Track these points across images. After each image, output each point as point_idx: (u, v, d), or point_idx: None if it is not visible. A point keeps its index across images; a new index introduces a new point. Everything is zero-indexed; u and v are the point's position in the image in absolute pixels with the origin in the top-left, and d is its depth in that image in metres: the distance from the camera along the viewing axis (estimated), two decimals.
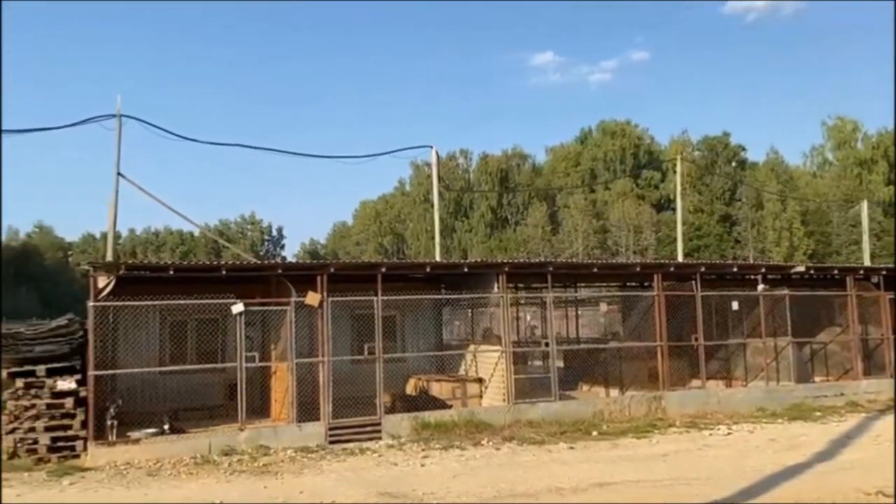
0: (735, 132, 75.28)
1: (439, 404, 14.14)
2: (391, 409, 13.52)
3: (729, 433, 13.48)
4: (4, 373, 11.52)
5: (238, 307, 12.37)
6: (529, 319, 27.69)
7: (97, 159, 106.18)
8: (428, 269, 14.45)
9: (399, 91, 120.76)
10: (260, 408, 13.53)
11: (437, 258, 21.16)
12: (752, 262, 40.52)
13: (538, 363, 20.51)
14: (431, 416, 13.36)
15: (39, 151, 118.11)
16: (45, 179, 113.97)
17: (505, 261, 14.98)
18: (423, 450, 11.87)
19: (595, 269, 16.20)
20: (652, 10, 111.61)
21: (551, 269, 15.02)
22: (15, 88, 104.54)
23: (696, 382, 16.44)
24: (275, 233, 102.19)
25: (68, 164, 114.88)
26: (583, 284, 20.91)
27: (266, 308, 13.28)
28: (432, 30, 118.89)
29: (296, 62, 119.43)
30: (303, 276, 13.14)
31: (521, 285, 20.07)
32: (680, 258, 27.96)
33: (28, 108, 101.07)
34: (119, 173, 14.97)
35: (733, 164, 73.23)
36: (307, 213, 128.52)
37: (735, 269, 18.05)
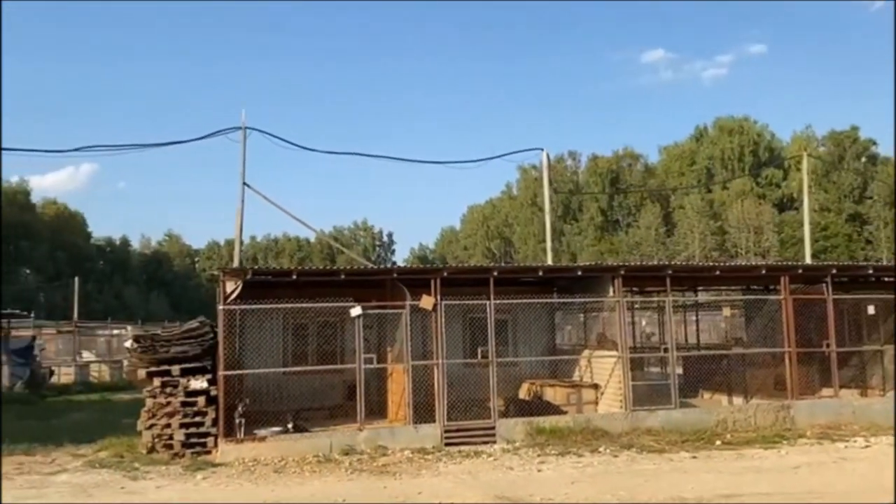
0: (864, 126, 70.57)
1: (554, 410, 13.98)
2: (505, 414, 13.48)
3: (867, 446, 12.59)
4: (143, 372, 12.32)
5: (356, 310, 12.70)
6: (644, 324, 26.94)
7: (221, 170, 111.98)
8: (540, 273, 14.34)
9: (506, 94, 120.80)
10: (377, 408, 13.82)
11: (549, 262, 21.00)
12: (885, 263, 37.78)
13: (654, 369, 19.91)
14: (546, 421, 13.22)
15: (170, 163, 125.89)
16: (175, 190, 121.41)
17: (620, 263, 14.65)
18: (538, 455, 11.77)
19: (717, 272, 15.57)
20: (767, 1, 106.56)
21: (670, 271, 14.53)
22: (148, 103, 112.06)
23: (826, 391, 15.46)
24: (385, 238, 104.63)
25: (195, 174, 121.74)
26: (701, 288, 20.14)
27: (382, 311, 13.58)
28: (538, 31, 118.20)
29: (404, 67, 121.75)
30: (416, 280, 13.35)
31: (635, 289, 19.55)
32: (807, 259, 26.44)
33: (160, 122, 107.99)
34: (245, 183, 15.73)
35: (863, 159, 68.63)
36: (416, 218, 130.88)
37: (870, 272, 16.86)
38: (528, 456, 11.73)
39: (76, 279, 41.55)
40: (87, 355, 34.36)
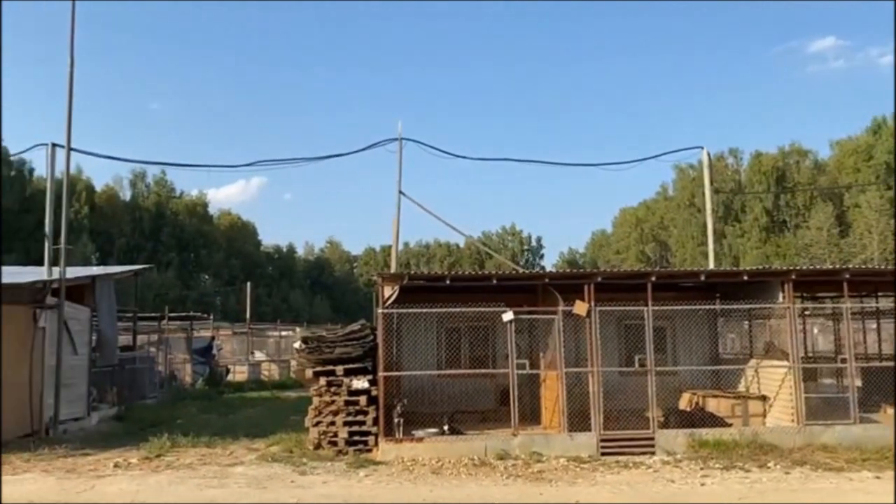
0: None
1: (717, 422, 13.30)
2: (664, 424, 13.00)
3: None
4: (310, 371, 13.04)
5: (508, 315, 12.75)
6: (816, 332, 25.04)
7: (377, 178, 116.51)
8: (702, 278, 13.70)
9: (661, 92, 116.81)
10: (530, 414, 13.77)
11: (711, 266, 20.02)
12: None
13: (828, 381, 18.45)
14: (709, 433, 12.60)
15: (330, 174, 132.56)
16: (335, 199, 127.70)
17: (790, 268, 13.69)
18: (701, 468, 11.23)
19: None
20: None
21: (847, 276, 13.41)
22: (310, 118, 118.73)
23: None
24: (534, 243, 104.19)
25: (353, 184, 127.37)
26: (881, 293, 18.41)
27: (534, 316, 13.54)
28: (692, 25, 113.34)
29: (551, 69, 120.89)
30: (569, 285, 13.18)
31: (805, 294, 18.20)
32: None
33: (320, 135, 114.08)
34: (401, 192, 16.28)
35: None
36: (566, 222, 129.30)
37: None
38: (690, 469, 11.24)
39: (248, 284, 44.64)
40: (258, 355, 36.90)
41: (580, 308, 12.78)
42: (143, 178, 78.47)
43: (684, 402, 14.68)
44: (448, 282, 13.07)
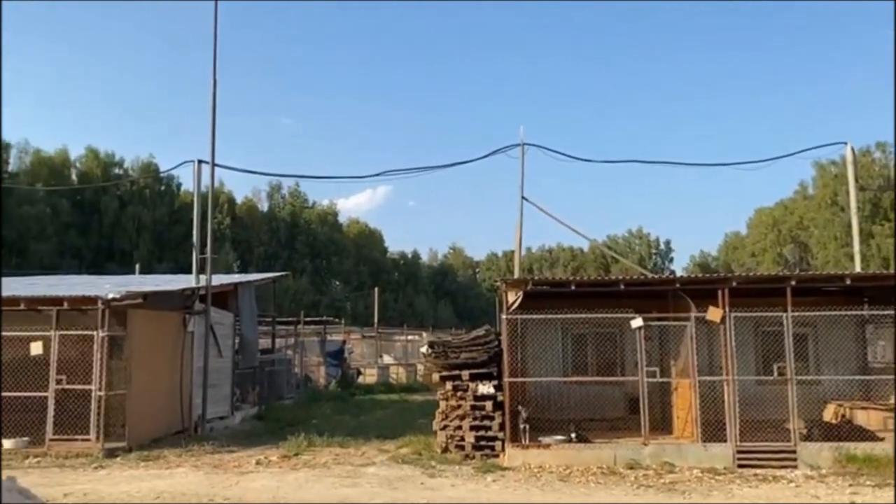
0: None
1: (867, 435, 12.40)
2: (807, 437, 12.25)
3: None
4: (437, 376, 13.31)
5: (637, 322, 12.46)
6: None
7: (498, 183, 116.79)
8: (848, 281, 12.83)
9: (797, 84, 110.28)
10: (660, 423, 13.40)
11: (857, 268, 18.73)
12: None
13: None
14: (858, 447, 11.76)
15: (452, 181, 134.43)
16: (457, 206, 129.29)
17: None
18: (849, 485, 10.51)
19: None
20: None
21: None
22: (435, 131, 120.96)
23: None
24: (662, 246, 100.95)
25: (475, 190, 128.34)
26: None
27: (665, 323, 13.15)
28: (834, 12, 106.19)
29: (674, 65, 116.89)
30: (701, 290, 12.72)
31: None
32: None
33: (440, 142, 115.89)
34: (523, 197, 16.31)
35: None
36: (696, 224, 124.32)
37: None
38: (837, 485, 10.54)
39: (375, 289, 45.97)
40: (386, 358, 37.95)
41: (714, 314, 12.30)
42: (278, 189, 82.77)
43: (829, 414, 13.79)
44: (573, 287, 12.94)
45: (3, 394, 13.30)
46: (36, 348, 13.50)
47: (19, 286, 17.42)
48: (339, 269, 79.94)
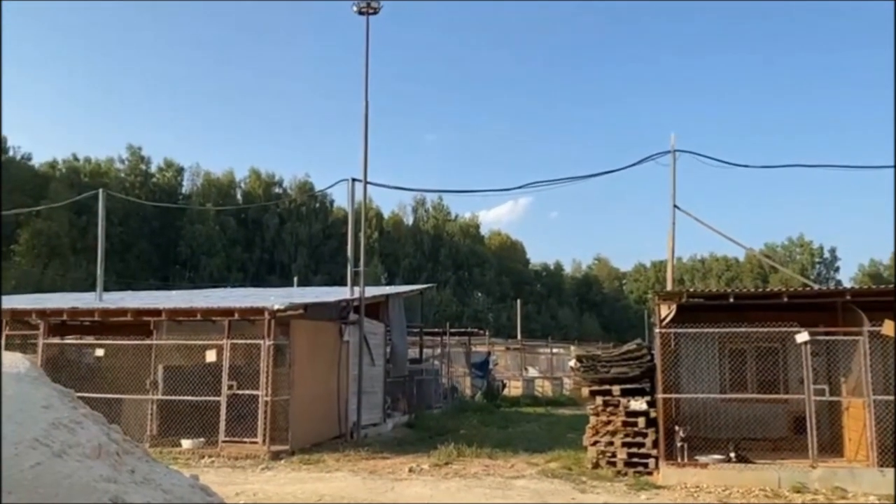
0: None
1: None
2: None
3: None
4: (586, 390, 13.13)
5: (803, 336, 11.70)
6: None
7: (646, 192, 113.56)
8: None
9: None
10: (829, 445, 12.46)
11: None
12: None
13: None
14: None
15: (597, 191, 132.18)
16: (602, 215, 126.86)
17: None
18: None
19: None
20: None
21: None
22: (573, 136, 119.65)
23: None
24: (827, 254, 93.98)
25: (621, 199, 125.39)
26: None
27: (833, 337, 12.25)
28: None
29: (836, 65, 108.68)
30: (874, 302, 11.76)
31: None
32: None
33: (584, 151, 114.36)
34: (675, 205, 15.78)
35: None
36: (865, 230, 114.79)
37: None
38: None
39: (518, 301, 46.03)
40: (531, 371, 37.83)
41: (889, 328, 11.33)
42: (423, 204, 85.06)
43: None
44: (732, 300, 12.36)
45: (184, 398, 14.56)
46: (210, 356, 14.65)
47: (196, 297, 19.01)
48: (481, 280, 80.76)
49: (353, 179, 18.54)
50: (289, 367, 14.67)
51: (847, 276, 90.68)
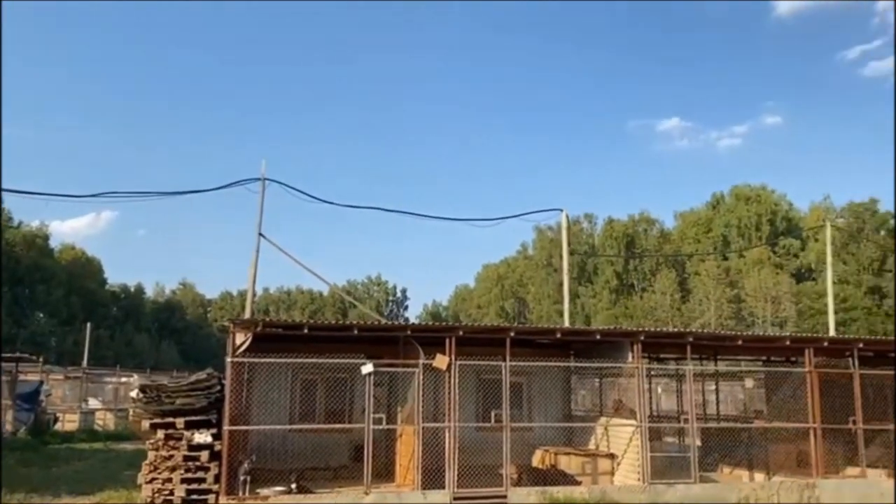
0: (884, 198, 69.69)
1: (568, 479, 13.44)
2: (517, 482, 12.96)
3: None
4: (147, 423, 11.99)
5: (368, 367, 12.35)
6: (660, 392, 26.31)
7: (239, 220, 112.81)
8: (558, 335, 13.97)
9: (521, 155, 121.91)
10: (384, 471, 13.35)
11: (566, 323, 20.60)
12: None
13: (670, 440, 19.29)
14: (560, 491, 12.68)
15: (190, 213, 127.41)
16: (192, 239, 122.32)
17: (639, 329, 14.27)
18: None
19: (739, 342, 15.12)
20: (783, 73, 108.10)
21: (691, 339, 14.14)
22: (170, 153, 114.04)
23: (851, 470, 14.83)
24: (399, 294, 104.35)
25: (213, 224, 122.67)
26: (720, 357, 19.64)
27: (394, 369, 13.21)
28: (552, 95, 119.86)
29: (418, 127, 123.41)
30: (431, 338, 13.02)
31: (651, 355, 19.09)
32: (831, 332, 25.86)
33: (183, 171, 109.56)
34: (260, 234, 15.65)
35: (882, 232, 67.99)
36: (430, 274, 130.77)
37: None
38: None
39: (88, 324, 41.39)
40: (93, 402, 33.95)
41: (441, 362, 12.62)
42: None
43: (538, 459, 14.77)
44: (306, 330, 12.52)
45: None
46: None
47: None
48: (45, 299, 70.92)
49: None
50: None
51: (414, 314, 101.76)
